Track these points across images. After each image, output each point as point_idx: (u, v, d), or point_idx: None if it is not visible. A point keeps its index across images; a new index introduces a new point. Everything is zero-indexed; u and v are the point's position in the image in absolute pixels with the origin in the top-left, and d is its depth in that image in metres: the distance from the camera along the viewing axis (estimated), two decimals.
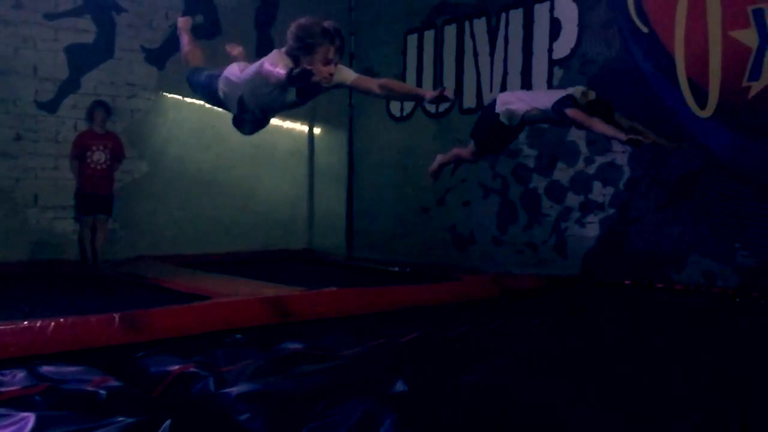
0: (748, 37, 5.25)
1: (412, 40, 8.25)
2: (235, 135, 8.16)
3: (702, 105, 5.57)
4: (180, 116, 7.69)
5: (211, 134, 7.73)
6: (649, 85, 5.94)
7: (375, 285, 5.31)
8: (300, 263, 7.90)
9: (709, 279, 5.59)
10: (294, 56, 3.46)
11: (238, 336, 3.74)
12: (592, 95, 4.87)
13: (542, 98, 5.04)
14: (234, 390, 2.60)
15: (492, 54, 7.33)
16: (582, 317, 4.72)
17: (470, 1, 7.58)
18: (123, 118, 7.30)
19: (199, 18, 7.39)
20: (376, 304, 4.64)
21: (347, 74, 3.76)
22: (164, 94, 7.62)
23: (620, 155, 6.19)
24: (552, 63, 6.77)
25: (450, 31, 7.84)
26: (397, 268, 7.04)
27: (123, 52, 7.36)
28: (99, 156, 6.46)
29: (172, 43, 7.28)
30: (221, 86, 3.89)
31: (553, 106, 4.81)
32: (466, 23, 7.62)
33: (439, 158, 5.82)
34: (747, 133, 5.31)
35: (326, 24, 3.45)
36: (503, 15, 7.24)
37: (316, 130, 8.97)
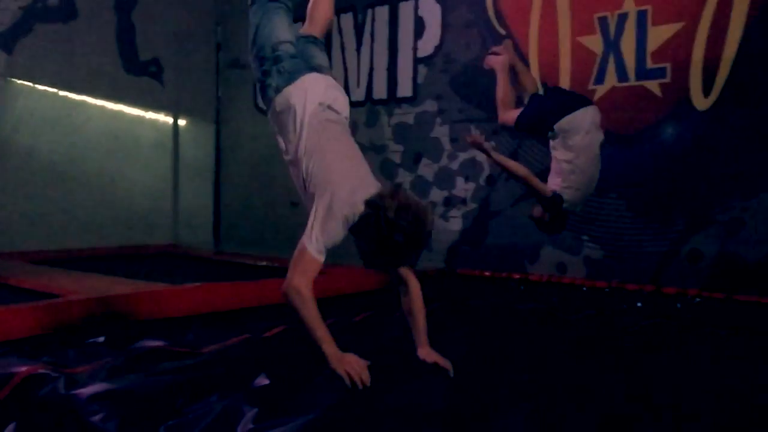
0: (594, 43, 5.65)
1: None
2: (93, 125, 7.81)
3: None
4: (31, 104, 7.21)
5: (66, 124, 7.32)
6: None
7: (242, 280, 5.24)
8: (163, 259, 7.64)
9: (560, 270, 5.96)
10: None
11: (93, 336, 3.58)
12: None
13: None
14: (86, 391, 2.50)
15: (359, 49, 7.42)
16: (447, 309, 4.88)
17: None
18: None
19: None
20: (242, 299, 4.59)
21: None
22: (12, 79, 7.12)
23: (480, 152, 6.45)
24: (417, 61, 6.95)
25: None
26: (265, 263, 6.98)
27: None
28: None
29: (21, 25, 6.82)
30: None
31: None
32: (334, 17, 7.65)
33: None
34: None
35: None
36: (369, 11, 7.34)
37: (181, 122, 8.70)
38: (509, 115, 4.82)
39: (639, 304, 5.17)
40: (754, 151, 4.98)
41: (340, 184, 2.63)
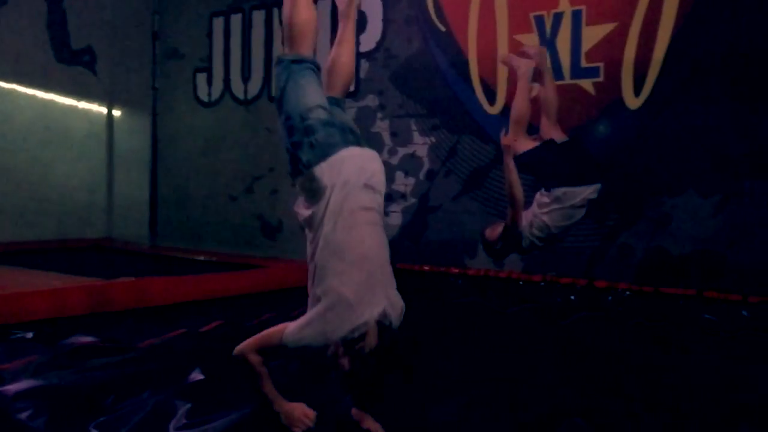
0: (531, 41, 5.75)
1: (219, 23, 8.07)
2: (23, 114, 7.56)
3: (492, 102, 6.02)
4: None
5: None
6: (446, 81, 6.30)
7: (179, 274, 5.16)
8: (97, 253, 7.46)
9: (498, 264, 6.06)
10: None
11: (23, 331, 3.47)
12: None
13: None
14: (12, 388, 2.43)
15: None
16: None
17: None
18: None
19: None
20: (178, 294, 4.53)
21: None
22: None
23: (420, 147, 6.51)
24: (359, 55, 6.94)
25: (258, 17, 7.77)
26: (203, 257, 6.89)
27: None
28: None
29: None
30: None
31: None
32: (275, 9, 7.59)
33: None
34: (529, 130, 5.79)
35: None
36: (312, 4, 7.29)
37: (116, 113, 8.49)
38: (519, 144, 4.40)
39: (572, 297, 5.31)
40: (682, 149, 5.16)
41: (344, 296, 2.24)
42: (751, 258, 4.88)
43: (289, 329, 2.33)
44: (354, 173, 2.42)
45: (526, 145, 4.43)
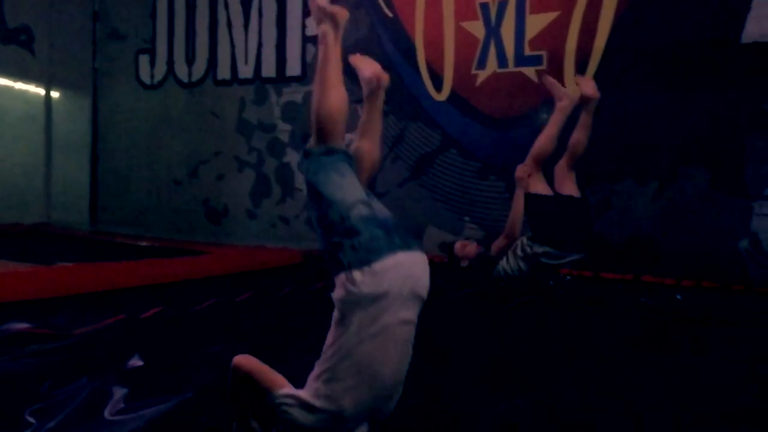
0: (477, 28, 5.81)
1: (162, 3, 7.89)
2: None
3: (438, 89, 6.06)
4: None
5: None
6: (393, 67, 6.31)
7: (119, 260, 5.06)
8: (36, 238, 7.25)
9: (443, 249, 6.12)
10: None
11: None
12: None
13: None
14: None
15: (246, 26, 7.27)
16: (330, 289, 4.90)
17: None
18: None
19: None
20: (119, 280, 4.44)
21: None
22: None
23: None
24: (305, 40, 6.89)
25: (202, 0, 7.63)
26: (145, 243, 6.76)
27: None
28: None
29: None
30: None
31: None
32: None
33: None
34: (474, 117, 5.88)
35: None
36: None
37: (54, 94, 8.24)
38: (533, 181, 4.28)
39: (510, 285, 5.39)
40: (621, 137, 5.30)
41: (343, 410, 2.04)
42: (685, 243, 5.06)
43: (283, 390, 2.15)
44: (398, 284, 2.12)
45: (537, 186, 4.22)
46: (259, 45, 7.19)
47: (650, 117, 5.18)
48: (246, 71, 7.29)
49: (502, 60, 5.73)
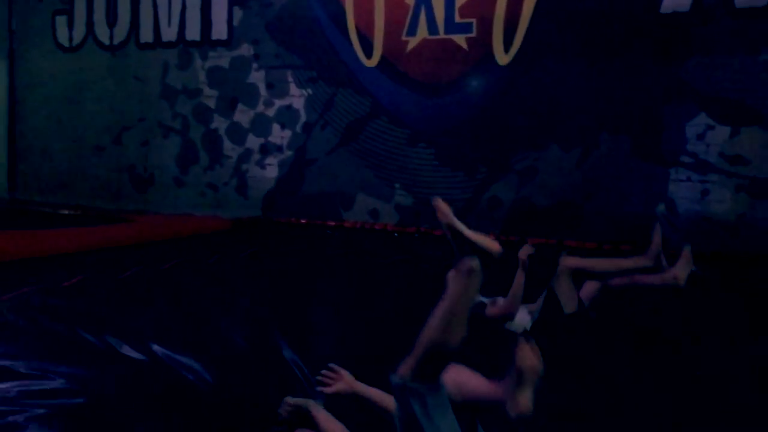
0: None
1: None
2: None
3: (369, 55, 6.02)
4: None
5: None
6: (323, 32, 6.23)
7: (40, 228, 4.89)
8: None
9: (373, 216, 6.16)
10: None
11: None
12: None
13: None
14: None
15: None
16: (257, 257, 4.87)
17: None
18: None
19: None
20: (39, 248, 4.29)
21: None
22: None
23: (297, 99, 6.44)
24: (232, 2, 6.72)
25: None
26: (67, 211, 6.55)
27: None
28: None
29: None
30: None
31: None
32: None
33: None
34: (404, 84, 5.88)
35: None
36: None
37: None
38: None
39: (440, 252, 5.48)
40: (547, 104, 5.40)
41: None
42: (606, 208, 5.23)
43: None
44: None
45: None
46: (183, 6, 6.97)
47: (574, 85, 5.30)
48: (170, 34, 7.06)
49: (432, 26, 5.73)
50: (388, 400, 2.06)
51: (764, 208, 4.85)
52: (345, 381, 2.16)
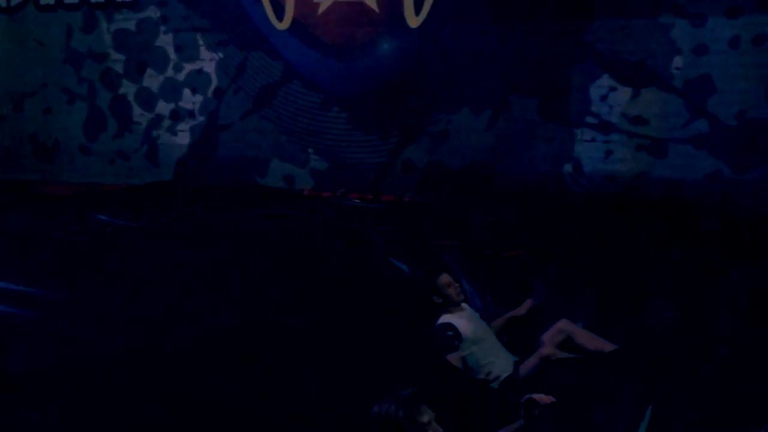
0: None
1: None
2: None
3: (280, 18, 5.91)
4: None
5: None
6: None
7: None
8: None
9: (288, 182, 6.11)
10: None
11: None
12: None
13: None
14: None
15: None
16: (168, 225, 4.77)
17: None
18: None
19: None
20: None
21: None
22: None
23: (208, 63, 6.29)
24: None
25: None
26: None
27: None
28: None
29: None
30: None
31: None
32: None
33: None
34: (317, 47, 5.82)
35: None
36: None
37: None
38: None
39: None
40: (458, 67, 5.46)
41: None
42: (516, 168, 5.37)
43: None
44: None
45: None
46: None
47: (483, 47, 5.37)
48: None
49: None
50: None
51: (663, 166, 5.07)
52: None
